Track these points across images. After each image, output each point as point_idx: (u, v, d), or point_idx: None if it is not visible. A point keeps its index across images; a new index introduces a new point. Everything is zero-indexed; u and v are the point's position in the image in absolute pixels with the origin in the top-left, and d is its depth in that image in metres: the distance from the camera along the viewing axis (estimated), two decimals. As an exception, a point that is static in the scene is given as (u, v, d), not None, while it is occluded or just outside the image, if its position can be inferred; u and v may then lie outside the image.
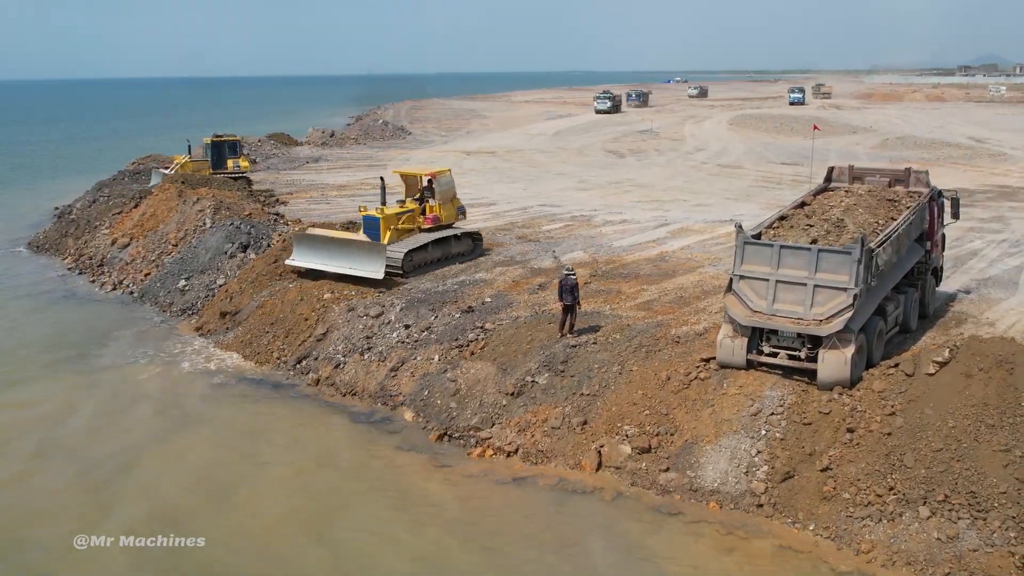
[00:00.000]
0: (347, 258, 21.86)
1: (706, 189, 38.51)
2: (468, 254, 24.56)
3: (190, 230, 27.88)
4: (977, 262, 23.12)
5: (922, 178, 18.20)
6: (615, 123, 78.77)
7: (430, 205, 23.96)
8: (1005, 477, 11.83)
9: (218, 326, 21.98)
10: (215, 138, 38.62)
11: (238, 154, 37.97)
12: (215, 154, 37.56)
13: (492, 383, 16.67)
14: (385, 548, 12.82)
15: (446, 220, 24.20)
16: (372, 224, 22.95)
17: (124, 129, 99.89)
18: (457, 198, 24.88)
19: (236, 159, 37.74)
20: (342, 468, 15.32)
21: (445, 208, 24.14)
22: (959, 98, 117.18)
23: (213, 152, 37.66)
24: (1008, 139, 58.81)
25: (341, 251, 22.03)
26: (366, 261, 21.52)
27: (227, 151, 37.62)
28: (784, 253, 14.38)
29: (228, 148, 37.76)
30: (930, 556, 11.64)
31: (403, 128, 77.34)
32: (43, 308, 24.97)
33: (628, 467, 14.12)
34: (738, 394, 14.46)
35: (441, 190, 24.02)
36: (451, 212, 24.42)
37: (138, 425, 17.11)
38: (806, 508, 12.83)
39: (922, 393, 13.22)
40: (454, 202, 24.62)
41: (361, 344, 19.18)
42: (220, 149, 37.65)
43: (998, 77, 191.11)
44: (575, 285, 17.18)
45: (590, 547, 12.75)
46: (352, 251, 21.95)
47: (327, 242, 22.40)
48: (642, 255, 24.71)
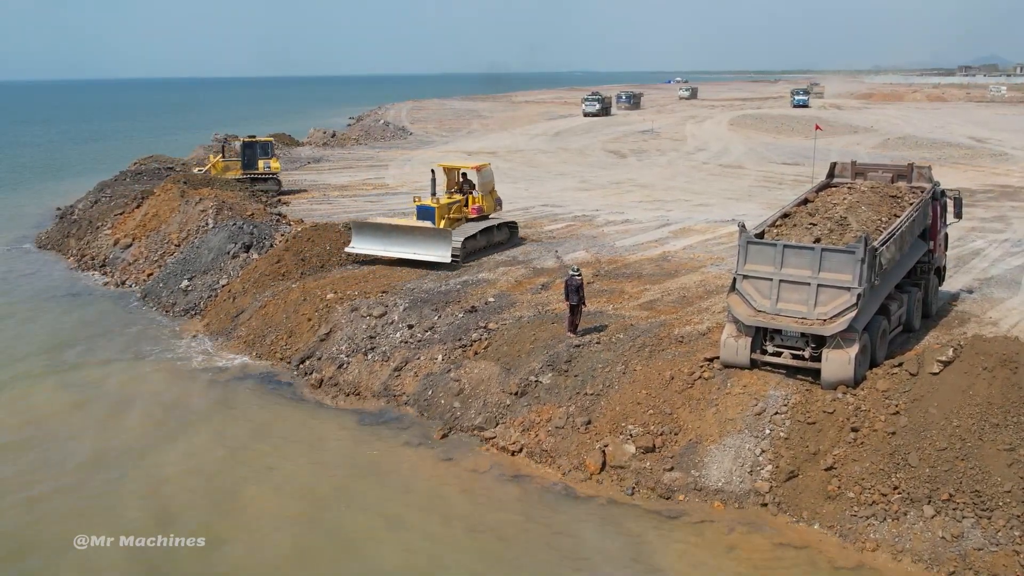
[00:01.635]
0: (411, 244, 23.24)
1: (707, 189, 38.53)
2: (506, 242, 26.00)
3: (192, 230, 27.92)
4: (979, 262, 23.15)
5: (925, 173, 18.18)
6: (616, 123, 78.79)
7: (473, 196, 25.54)
8: (1010, 476, 11.84)
9: (221, 326, 21.99)
10: (248, 139, 39.00)
11: (270, 155, 38.17)
12: (247, 154, 37.83)
13: (496, 383, 16.68)
14: (385, 548, 12.83)
15: (487, 211, 25.81)
16: (427, 213, 24.18)
17: (125, 130, 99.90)
18: (495, 190, 26.47)
19: (268, 160, 37.97)
20: (343, 468, 15.31)
21: (486, 199, 25.77)
22: (960, 98, 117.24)
23: (245, 152, 37.93)
24: (1009, 139, 58.82)
25: (404, 237, 23.34)
26: (432, 246, 23.02)
27: (259, 152, 37.88)
28: (787, 252, 14.37)
29: (260, 149, 38.03)
30: (935, 555, 11.65)
31: (404, 128, 77.36)
32: (45, 308, 24.97)
33: (632, 467, 14.12)
34: (742, 393, 14.48)
35: (482, 182, 25.67)
36: (491, 203, 26.09)
37: (139, 425, 17.11)
38: (810, 507, 12.84)
39: (926, 392, 13.23)
40: (492, 194, 26.19)
41: (364, 344, 19.19)
42: (252, 150, 37.94)
43: (999, 77, 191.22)
44: (580, 285, 17.19)
45: (593, 547, 12.75)
46: (416, 237, 23.27)
47: (388, 229, 23.63)
48: (644, 255, 24.73)
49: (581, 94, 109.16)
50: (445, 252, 22.96)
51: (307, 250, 24.27)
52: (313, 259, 23.90)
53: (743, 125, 71.76)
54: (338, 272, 23.11)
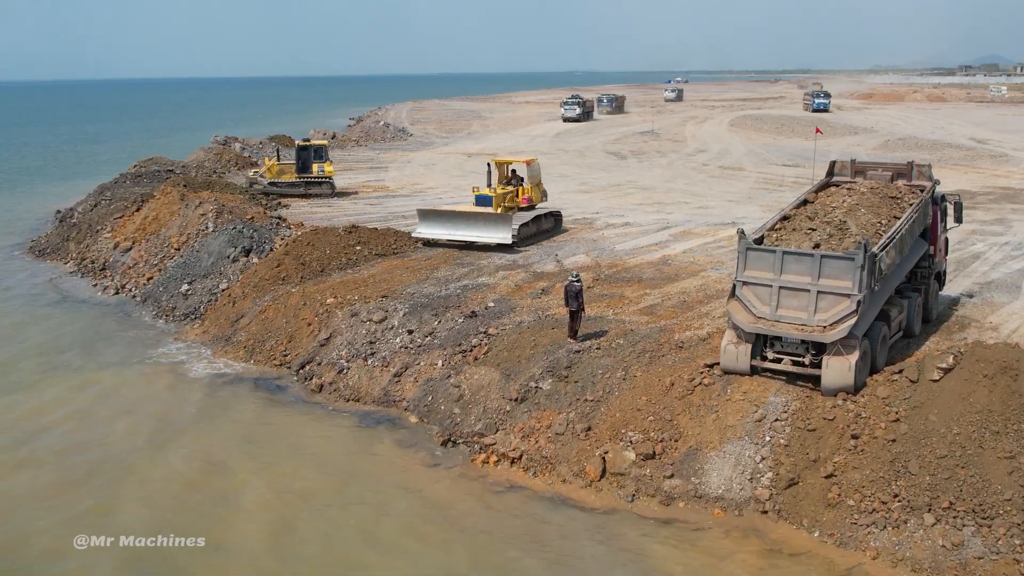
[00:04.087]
0: (475, 228, 25.68)
1: (708, 191, 38.50)
2: (552, 230, 28.40)
3: (192, 234, 27.90)
4: (979, 265, 23.12)
5: (925, 171, 18.11)
6: (616, 124, 78.79)
7: (523, 188, 28.14)
8: (1010, 484, 11.83)
9: (221, 331, 21.98)
10: (302, 143, 39.30)
11: (324, 159, 38.37)
12: (301, 158, 38.08)
13: (496, 388, 16.67)
14: (383, 552, 12.83)
15: (535, 201, 28.66)
16: (485, 201, 26.96)
17: (125, 131, 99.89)
18: (541, 183, 29.34)
19: (322, 163, 38.19)
20: (342, 473, 15.31)
21: (534, 191, 28.56)
22: (960, 98, 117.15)
23: (299, 156, 38.18)
24: (1009, 140, 58.78)
25: (467, 222, 25.80)
26: (495, 229, 25.44)
27: (312, 156, 38.12)
28: (787, 259, 14.34)
29: (314, 153, 38.26)
30: (935, 563, 11.64)
31: (404, 130, 77.36)
32: (45, 312, 24.98)
33: (632, 473, 14.11)
34: (742, 400, 14.46)
35: (531, 176, 28.43)
36: (539, 194, 28.93)
37: (139, 428, 17.13)
38: (811, 515, 12.84)
39: (926, 399, 13.23)
40: (539, 186, 29.03)
41: (364, 349, 19.18)
42: (306, 153, 38.18)
43: (999, 77, 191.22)
44: (579, 291, 17.18)
45: (591, 554, 12.74)
46: (480, 221, 25.74)
47: (453, 215, 26.20)
48: (644, 259, 24.71)
49: (581, 94, 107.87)
50: (507, 234, 25.24)
51: (307, 254, 24.25)
52: (313, 263, 23.88)
53: (743, 126, 71.71)
54: (338, 276, 23.09)
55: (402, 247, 25.79)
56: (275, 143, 59.62)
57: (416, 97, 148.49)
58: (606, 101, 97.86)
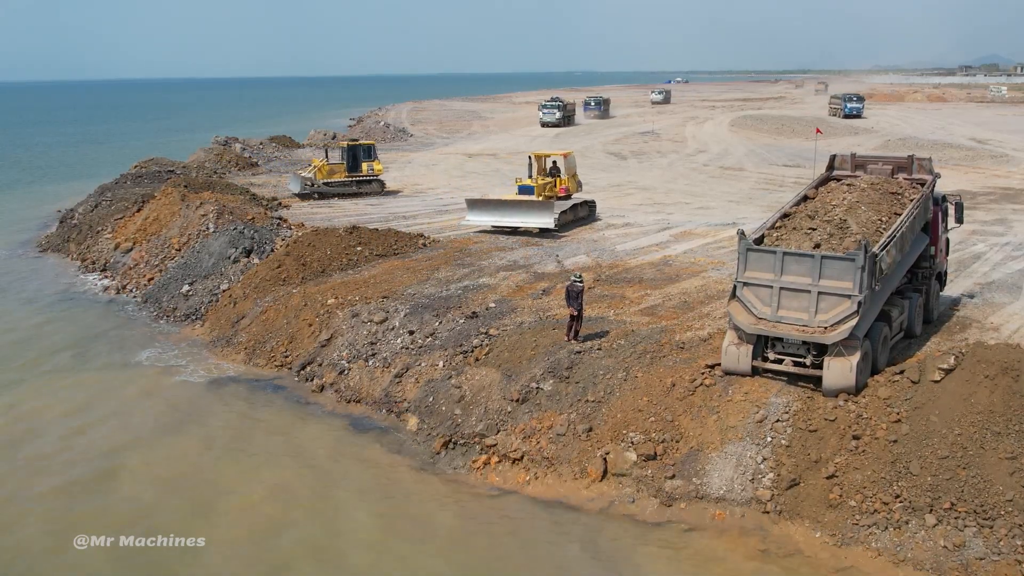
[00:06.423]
0: (520, 214, 27.91)
1: (708, 192, 38.50)
2: (587, 218, 30.59)
3: (193, 234, 27.91)
4: (980, 266, 23.11)
5: (925, 165, 17.94)
6: (616, 124, 78.75)
7: (560, 179, 30.43)
8: (1012, 485, 11.83)
9: (222, 332, 21.98)
10: (351, 142, 39.77)
11: (373, 158, 38.71)
12: (350, 158, 38.38)
13: (497, 389, 16.67)
14: (381, 557, 12.85)
15: (572, 191, 30.81)
16: (528, 190, 29.32)
17: (125, 131, 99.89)
18: (577, 174, 31.68)
19: (371, 162, 38.55)
20: (342, 474, 15.32)
21: (571, 182, 30.86)
22: (960, 99, 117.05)
23: (349, 156, 38.49)
24: (1010, 140, 58.73)
25: (513, 209, 28.07)
26: (539, 215, 27.64)
27: (362, 155, 38.45)
28: (787, 260, 14.31)
29: (363, 152, 38.58)
30: (936, 564, 11.64)
31: (404, 130, 77.40)
32: (45, 312, 24.99)
33: (633, 474, 14.10)
34: (743, 401, 14.46)
35: (567, 167, 30.83)
36: (575, 185, 31.34)
37: (141, 429, 17.15)
38: (812, 515, 12.83)
39: (928, 400, 13.22)
40: (575, 177, 31.43)
41: (365, 350, 19.18)
42: (356, 153, 38.51)
43: (999, 77, 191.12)
44: (580, 292, 17.18)
45: (591, 556, 12.74)
46: (524, 208, 28.00)
47: (499, 203, 28.57)
48: (645, 259, 24.71)
49: (582, 95, 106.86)
50: (549, 219, 27.33)
51: (308, 255, 24.26)
52: (314, 264, 23.90)
53: (743, 126, 71.69)
54: (339, 277, 23.11)
55: (403, 248, 25.81)
56: (275, 143, 59.61)
57: (416, 97, 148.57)
58: (593, 104, 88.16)
